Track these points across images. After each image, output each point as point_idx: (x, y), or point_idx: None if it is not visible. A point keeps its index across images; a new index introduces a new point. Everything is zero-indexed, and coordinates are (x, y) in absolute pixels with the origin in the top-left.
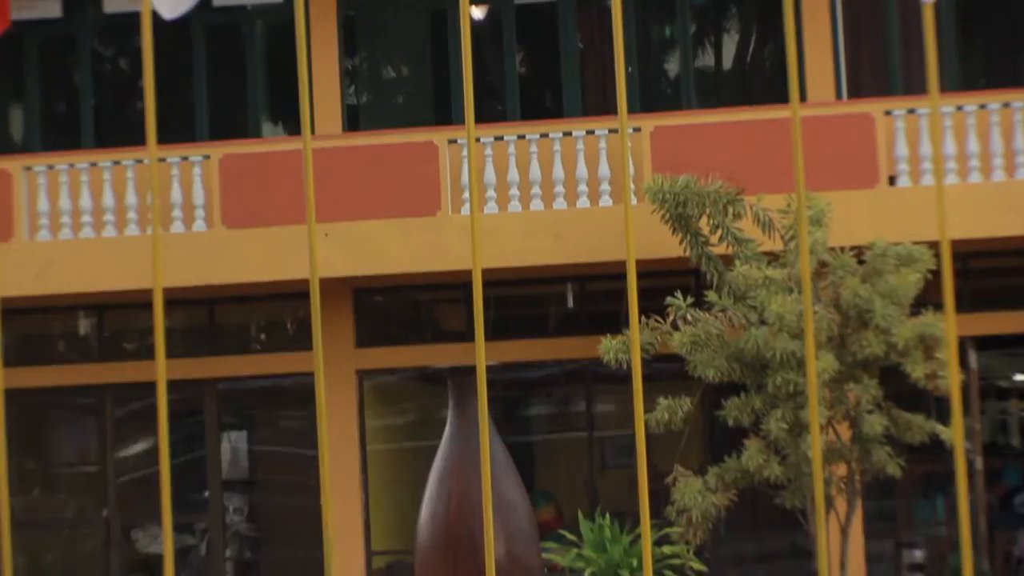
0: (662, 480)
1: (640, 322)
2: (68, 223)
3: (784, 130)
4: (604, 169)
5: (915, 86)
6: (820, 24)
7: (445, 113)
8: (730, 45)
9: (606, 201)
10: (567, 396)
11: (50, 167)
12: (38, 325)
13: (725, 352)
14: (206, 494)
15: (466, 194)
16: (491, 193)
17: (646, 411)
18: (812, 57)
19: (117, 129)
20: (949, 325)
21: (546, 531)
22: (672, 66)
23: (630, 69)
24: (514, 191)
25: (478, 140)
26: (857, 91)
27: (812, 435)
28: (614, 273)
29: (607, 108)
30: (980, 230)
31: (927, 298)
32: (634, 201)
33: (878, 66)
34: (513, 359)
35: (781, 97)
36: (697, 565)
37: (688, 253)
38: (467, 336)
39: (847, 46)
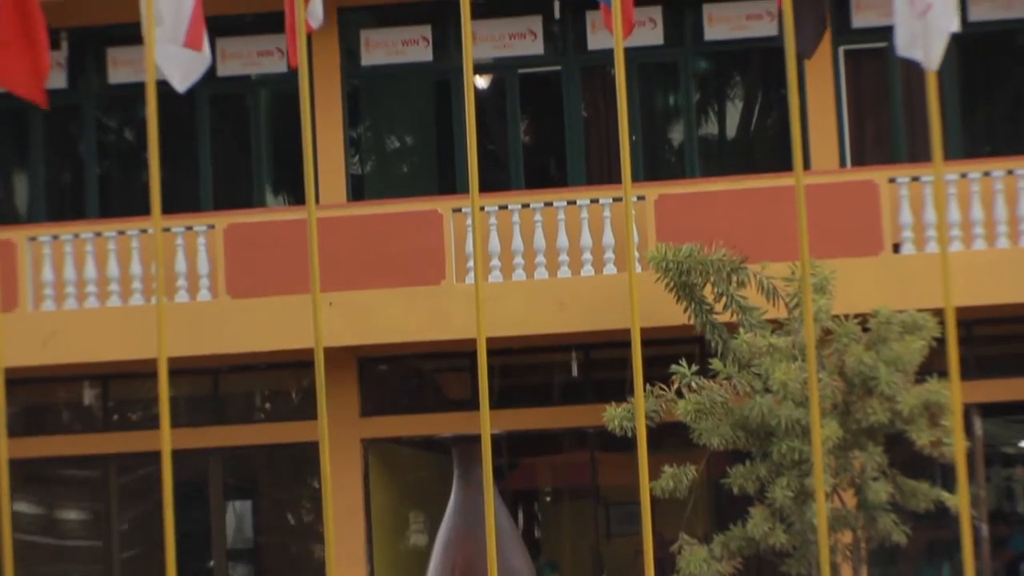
0: (667, 548)
1: (644, 390)
2: (73, 293)
3: (788, 198)
4: (608, 237)
5: (919, 154)
6: (824, 92)
7: (449, 182)
8: (734, 113)
9: (610, 269)
10: (572, 464)
11: (55, 237)
12: (42, 394)
13: (730, 420)
14: (211, 563)
15: (470, 263)
16: (495, 262)
17: (651, 479)
18: (816, 125)
19: (122, 199)
20: (954, 392)
21: None
22: (676, 134)
23: (634, 137)
24: (518, 259)
25: (482, 209)
26: (861, 159)
27: (817, 503)
28: (618, 341)
29: (611, 176)
30: (985, 297)
31: (932, 365)
32: (638, 269)
33: (882, 134)
34: (518, 427)
35: (785, 165)
36: None
37: (692, 321)
38: (472, 404)
39: (851, 114)
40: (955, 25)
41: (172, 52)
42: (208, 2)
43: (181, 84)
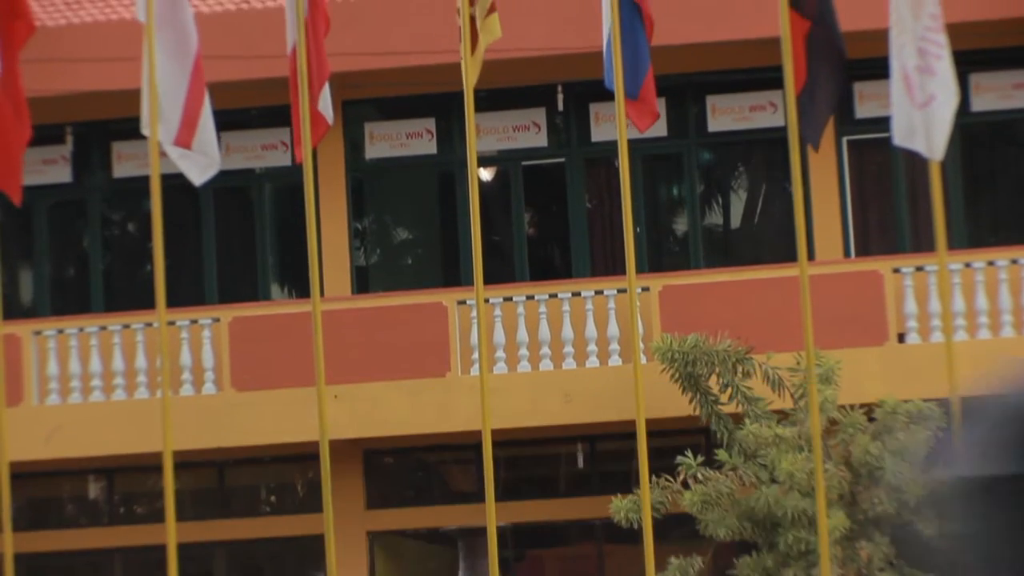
0: None
1: (651, 481)
2: (78, 387)
3: (793, 288)
4: (613, 329)
5: (923, 243)
6: (827, 182)
7: (454, 274)
8: (738, 204)
9: (615, 361)
10: (579, 556)
11: (60, 331)
12: (47, 489)
13: (736, 511)
14: None
15: (476, 355)
16: (500, 353)
17: (657, 570)
18: (820, 215)
19: (126, 292)
20: None
21: None
22: (680, 225)
23: (638, 229)
24: (523, 351)
25: (487, 301)
26: (865, 249)
27: None
28: (624, 432)
29: (616, 268)
30: (989, 386)
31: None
32: (643, 360)
33: (885, 223)
34: (524, 520)
35: (789, 255)
36: None
37: (698, 412)
38: (478, 497)
39: (854, 204)
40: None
41: (202, 144)
42: (213, 97)
43: (199, 179)
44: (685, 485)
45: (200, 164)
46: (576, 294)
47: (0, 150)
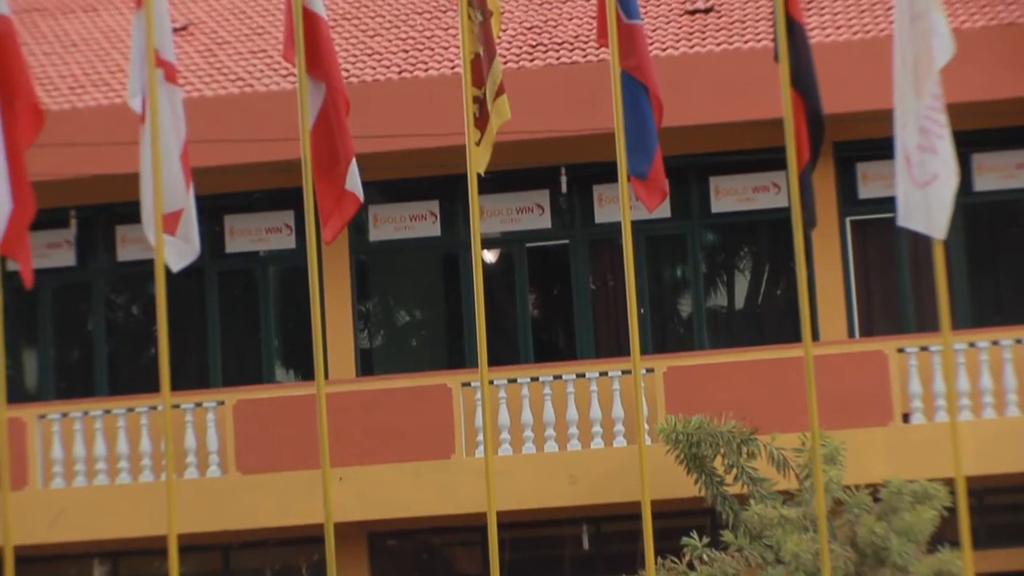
0: None
1: (656, 563)
2: (82, 470)
3: (797, 369)
4: (618, 410)
5: (927, 323)
6: (831, 262)
7: (458, 356)
8: (742, 284)
9: (620, 442)
10: None
11: (64, 415)
12: (52, 573)
13: None
14: None
15: (480, 436)
16: (505, 435)
17: None
18: (824, 295)
19: (131, 376)
20: (966, 562)
21: None
22: (684, 306)
23: (642, 310)
24: (528, 433)
25: (491, 383)
26: (869, 329)
27: None
28: (629, 514)
29: (620, 349)
30: (995, 466)
31: (944, 535)
32: (648, 442)
33: (890, 303)
34: None
35: (794, 336)
36: None
37: (703, 493)
38: None
39: (858, 284)
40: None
41: (185, 231)
42: (217, 180)
43: (176, 264)
44: (691, 566)
45: (180, 250)
46: (580, 375)
47: (16, 230)
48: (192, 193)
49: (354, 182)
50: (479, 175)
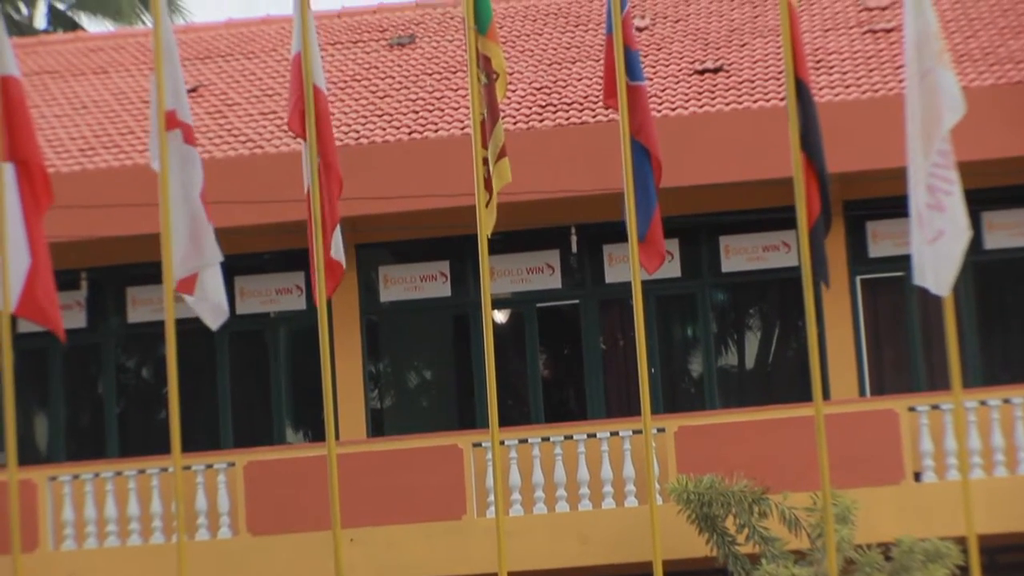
0: None
1: None
2: (94, 532)
3: (808, 428)
4: (629, 470)
5: (938, 381)
6: (842, 321)
7: (469, 416)
8: (752, 343)
9: (632, 502)
10: None
11: (75, 477)
12: None
13: None
14: None
15: (491, 497)
16: (516, 495)
17: None
18: (834, 354)
19: (141, 437)
20: None
21: None
22: (695, 365)
23: (653, 369)
24: (539, 493)
25: (502, 443)
26: (880, 387)
27: None
28: (641, 574)
29: (631, 408)
30: (1007, 525)
31: None
32: (659, 501)
33: (900, 362)
34: None
35: (805, 395)
36: None
37: (714, 553)
38: None
39: (869, 342)
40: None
41: (208, 292)
42: (227, 241)
43: (213, 324)
44: None
45: (215, 310)
46: (591, 435)
47: (42, 289)
48: (212, 253)
49: (338, 249)
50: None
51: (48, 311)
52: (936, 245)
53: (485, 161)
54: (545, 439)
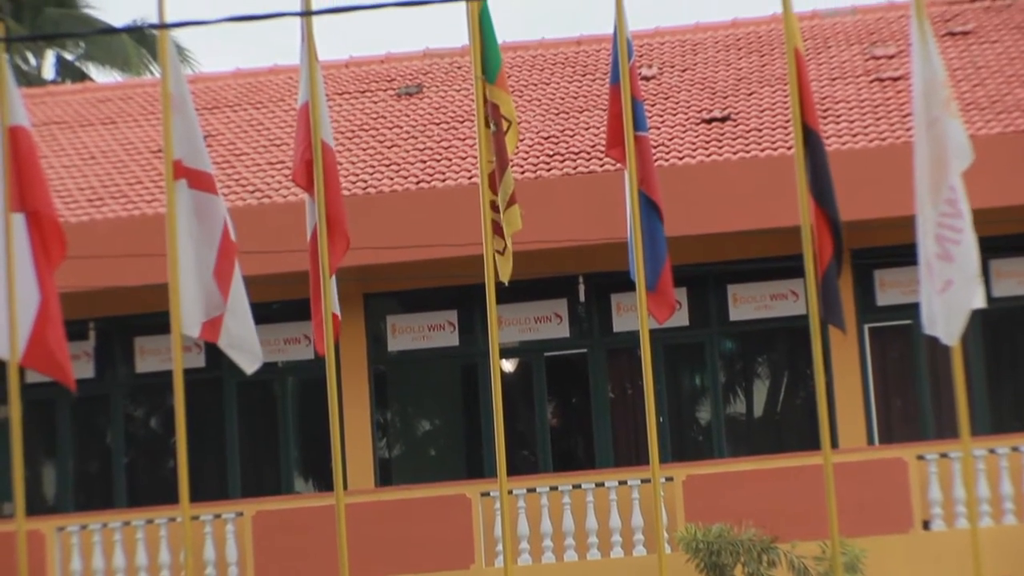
0: None
1: None
2: None
3: (817, 476)
4: (637, 519)
5: (946, 430)
6: (850, 369)
7: (477, 465)
8: (761, 392)
9: (640, 551)
10: None
11: (83, 527)
12: None
13: None
14: None
15: (500, 546)
16: (525, 545)
17: None
18: (843, 402)
19: (150, 487)
20: None
21: None
22: (703, 414)
23: (661, 418)
24: (548, 542)
25: (511, 492)
26: (889, 436)
27: None
28: None
29: (639, 457)
30: (1016, 573)
31: None
32: (668, 551)
33: (909, 410)
34: None
35: (813, 443)
36: None
37: None
38: None
39: (877, 391)
40: (980, 301)
41: (236, 339)
42: None
43: (248, 367)
44: None
45: (248, 354)
46: (600, 484)
47: (53, 339)
48: (235, 299)
49: (331, 299)
50: (499, 284)
51: (57, 361)
52: (945, 295)
53: (495, 207)
54: (553, 488)
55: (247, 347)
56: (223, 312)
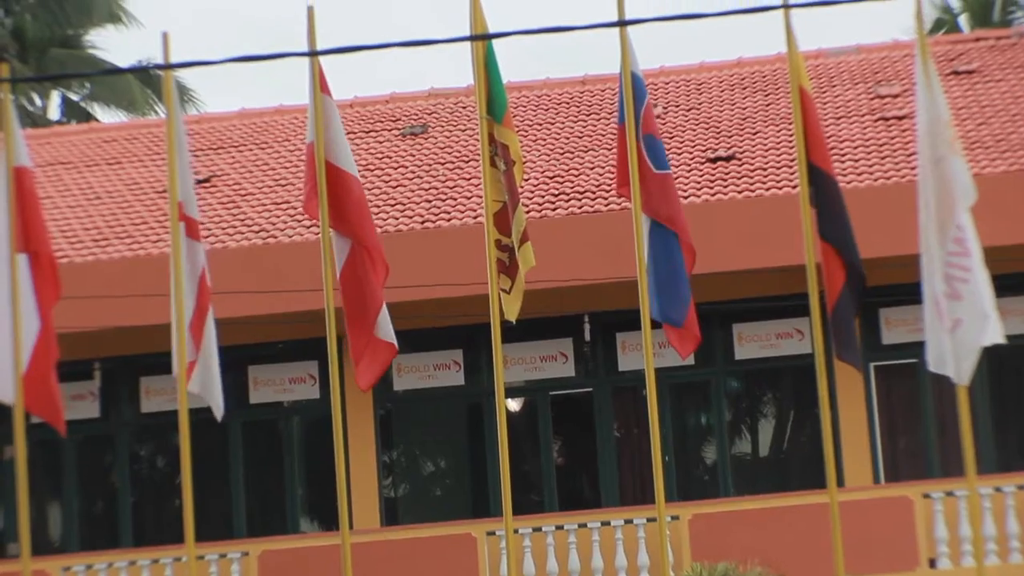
0: None
1: None
2: None
3: (823, 515)
4: (643, 558)
5: (952, 468)
6: (856, 408)
7: (483, 504)
8: (766, 431)
9: None
10: None
11: (89, 567)
12: None
13: None
14: None
15: None
16: None
17: None
18: (849, 441)
19: (155, 527)
20: None
21: None
22: (709, 453)
23: (667, 457)
24: None
25: (516, 531)
26: (894, 474)
27: None
28: None
29: (645, 496)
30: None
31: None
32: None
33: (914, 448)
34: None
35: (819, 482)
36: None
37: None
38: None
39: (883, 429)
40: (998, 336)
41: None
42: (240, 331)
43: (219, 413)
44: None
45: (217, 401)
46: (605, 523)
47: (44, 384)
48: (207, 348)
49: (386, 331)
50: (504, 323)
51: (48, 403)
52: (955, 334)
53: (503, 247)
54: (559, 527)
55: (212, 396)
56: (195, 359)
